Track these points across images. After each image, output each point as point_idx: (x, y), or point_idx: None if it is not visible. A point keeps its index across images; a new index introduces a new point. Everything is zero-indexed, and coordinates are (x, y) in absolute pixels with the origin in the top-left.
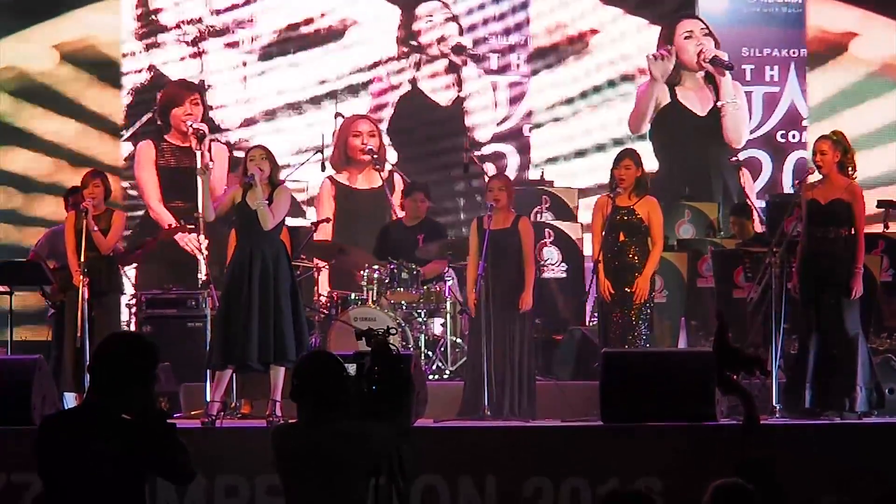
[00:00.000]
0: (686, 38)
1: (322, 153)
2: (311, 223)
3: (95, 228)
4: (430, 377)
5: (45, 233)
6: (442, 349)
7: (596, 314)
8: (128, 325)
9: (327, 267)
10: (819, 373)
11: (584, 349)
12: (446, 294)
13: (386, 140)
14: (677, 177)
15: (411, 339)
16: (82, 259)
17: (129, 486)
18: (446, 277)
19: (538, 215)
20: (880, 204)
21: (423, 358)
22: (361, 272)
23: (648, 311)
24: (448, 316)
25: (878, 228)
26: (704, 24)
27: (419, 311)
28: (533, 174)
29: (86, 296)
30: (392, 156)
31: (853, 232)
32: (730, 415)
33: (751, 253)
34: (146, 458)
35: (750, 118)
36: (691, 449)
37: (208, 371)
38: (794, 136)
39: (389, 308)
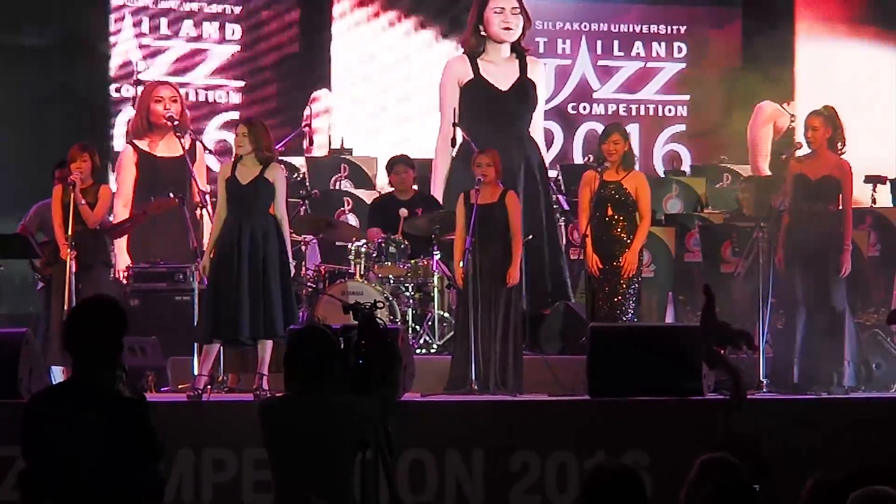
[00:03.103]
0: (496, 12)
1: (310, 127)
2: (300, 197)
3: (83, 202)
4: (418, 351)
5: (34, 206)
6: (429, 323)
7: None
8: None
9: (315, 241)
10: (806, 348)
11: (571, 324)
12: (434, 268)
13: None
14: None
15: (398, 314)
16: (69, 232)
17: (119, 462)
18: (433, 251)
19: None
20: (868, 179)
21: (410, 332)
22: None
23: (636, 285)
24: (435, 290)
25: (865, 203)
26: (518, 0)
27: (406, 284)
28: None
29: (73, 269)
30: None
31: (841, 208)
32: (717, 389)
33: (738, 228)
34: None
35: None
36: (678, 423)
37: (196, 345)
38: (584, 108)
39: (377, 282)
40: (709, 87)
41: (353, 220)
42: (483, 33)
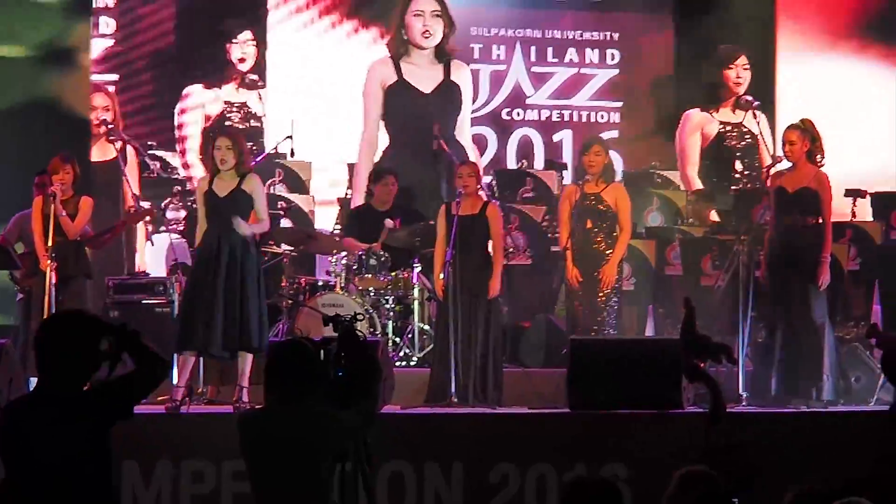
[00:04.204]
0: (416, 15)
1: (291, 139)
2: (280, 209)
3: (63, 213)
4: (398, 363)
5: (13, 217)
6: (409, 336)
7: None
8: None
9: (295, 253)
10: (786, 361)
11: (551, 336)
12: (414, 281)
13: None
14: (406, 154)
15: (379, 326)
16: (49, 243)
17: (97, 468)
18: (414, 264)
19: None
20: (848, 193)
21: (390, 344)
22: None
23: (616, 298)
24: (416, 303)
25: (846, 217)
26: (440, 3)
27: (387, 297)
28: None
29: (53, 280)
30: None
31: (821, 221)
32: (696, 402)
33: (719, 241)
34: (129, 375)
35: (477, 97)
36: (658, 436)
37: (176, 356)
38: (518, 114)
39: (357, 294)
40: (641, 94)
41: (286, 223)
42: (405, 37)
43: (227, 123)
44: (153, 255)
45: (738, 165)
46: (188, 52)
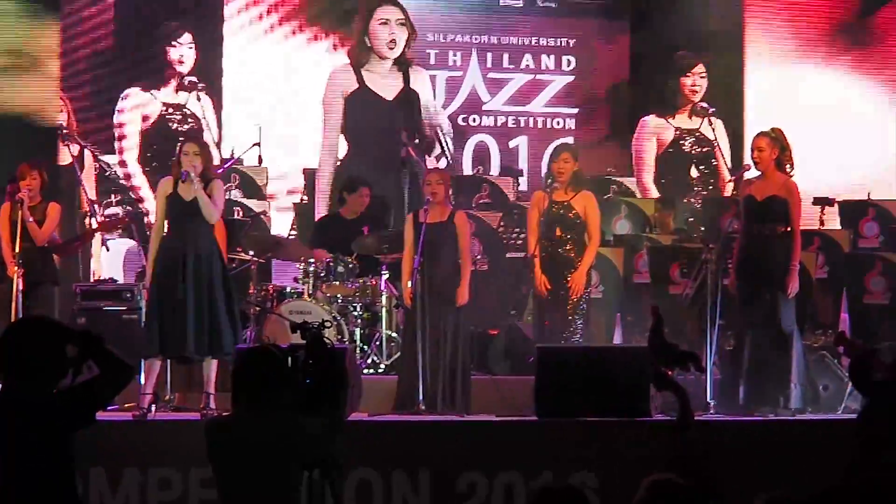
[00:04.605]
0: (381, 23)
1: (259, 146)
2: (249, 216)
3: (31, 219)
4: (366, 371)
5: None
6: (377, 343)
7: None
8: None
9: (262, 260)
10: (754, 369)
11: (519, 344)
12: (382, 288)
13: None
14: (368, 162)
15: (346, 333)
16: (17, 250)
17: (60, 473)
18: (382, 271)
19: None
20: (816, 201)
21: (358, 352)
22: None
23: (584, 306)
24: (384, 310)
25: (814, 225)
26: (404, 11)
27: (355, 304)
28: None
29: (20, 287)
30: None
31: (790, 229)
32: (664, 411)
33: (687, 249)
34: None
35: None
36: (625, 444)
37: (143, 363)
38: (473, 120)
39: (325, 301)
40: (597, 100)
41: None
42: (368, 44)
43: (169, 125)
44: (108, 260)
45: (694, 172)
46: (128, 54)
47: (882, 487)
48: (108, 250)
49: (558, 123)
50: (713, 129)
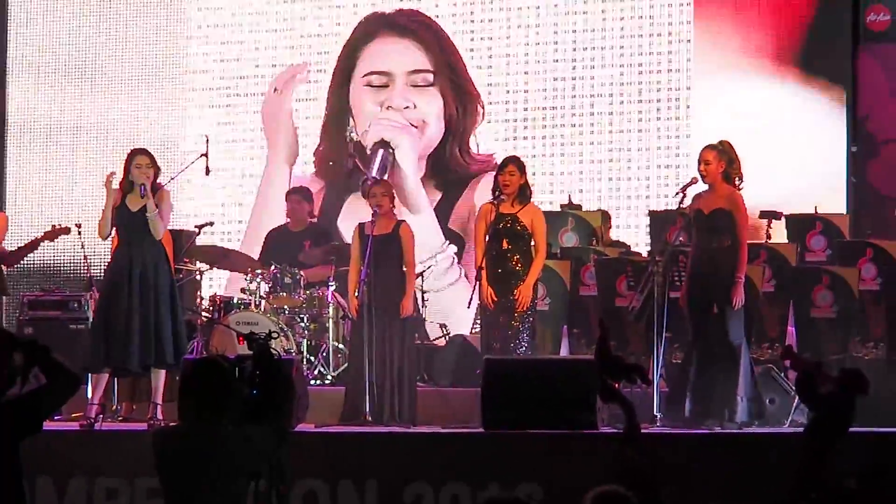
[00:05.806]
0: None
1: (206, 157)
2: (196, 227)
3: None
4: (312, 382)
5: None
6: (324, 354)
7: (479, 321)
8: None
9: (210, 270)
10: (700, 382)
11: (465, 356)
12: (329, 299)
13: None
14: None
15: (293, 344)
16: None
17: (8, 481)
18: (329, 283)
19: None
20: (763, 214)
21: (305, 363)
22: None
23: (531, 318)
24: (330, 321)
25: (761, 239)
26: None
27: (301, 315)
28: None
29: None
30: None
31: (735, 241)
32: (611, 423)
33: (633, 262)
34: (40, 390)
35: None
36: (572, 456)
37: (89, 374)
38: None
39: (272, 312)
40: None
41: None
42: None
43: None
44: None
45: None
46: None
47: None
48: None
49: None
50: None
